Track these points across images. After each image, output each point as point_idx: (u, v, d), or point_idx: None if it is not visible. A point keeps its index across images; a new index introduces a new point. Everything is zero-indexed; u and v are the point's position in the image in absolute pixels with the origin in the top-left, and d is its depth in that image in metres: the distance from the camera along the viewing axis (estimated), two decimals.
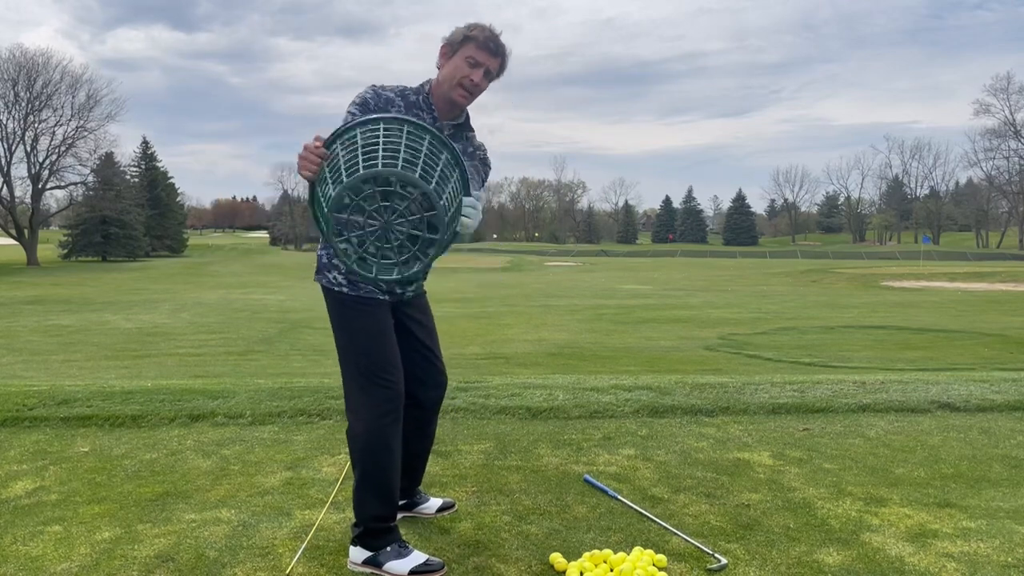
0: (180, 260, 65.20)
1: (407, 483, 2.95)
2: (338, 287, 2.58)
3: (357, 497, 2.63)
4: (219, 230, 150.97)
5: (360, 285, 2.57)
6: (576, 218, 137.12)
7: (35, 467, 3.73)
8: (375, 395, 2.57)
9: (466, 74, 2.52)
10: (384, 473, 2.62)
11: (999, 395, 4.94)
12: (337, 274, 2.59)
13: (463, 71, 2.52)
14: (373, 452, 2.59)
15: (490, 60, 2.52)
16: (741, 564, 2.62)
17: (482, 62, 2.52)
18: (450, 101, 2.57)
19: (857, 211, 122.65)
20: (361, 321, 2.58)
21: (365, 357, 2.57)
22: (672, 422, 4.47)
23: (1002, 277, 38.38)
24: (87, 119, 59.58)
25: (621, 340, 14.65)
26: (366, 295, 2.58)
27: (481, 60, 2.51)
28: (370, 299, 2.59)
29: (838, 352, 12.56)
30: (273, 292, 32.21)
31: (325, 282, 2.63)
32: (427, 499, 3.05)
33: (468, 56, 2.52)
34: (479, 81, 2.53)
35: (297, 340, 14.71)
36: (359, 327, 2.58)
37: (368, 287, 2.57)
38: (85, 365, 11.32)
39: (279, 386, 5.22)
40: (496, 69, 2.56)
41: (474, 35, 2.51)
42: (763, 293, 31.63)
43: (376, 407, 2.57)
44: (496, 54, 2.53)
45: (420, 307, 2.81)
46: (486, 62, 2.52)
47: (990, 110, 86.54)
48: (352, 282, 2.57)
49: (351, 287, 2.57)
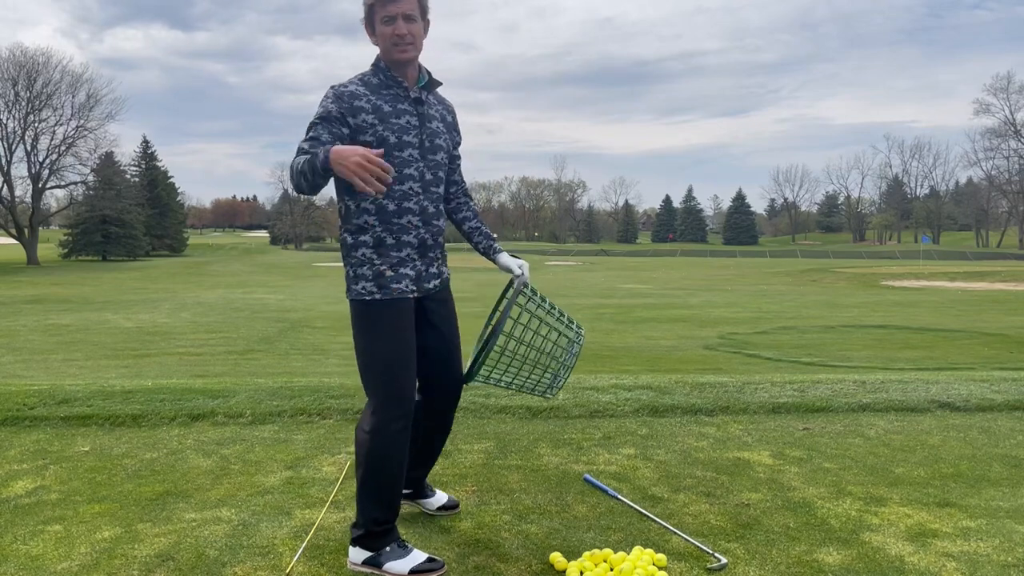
0: (180, 259, 65.20)
1: (418, 474, 2.98)
2: (369, 295, 2.58)
3: (359, 498, 2.63)
4: (219, 229, 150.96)
5: (389, 288, 2.58)
6: (576, 217, 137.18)
7: (35, 466, 3.73)
8: (388, 402, 2.58)
9: (391, 32, 2.53)
10: (387, 478, 2.61)
11: (999, 395, 4.94)
12: (365, 283, 2.59)
13: (387, 32, 2.54)
14: (378, 457, 2.59)
15: (400, 6, 2.52)
16: (741, 563, 2.62)
17: (393, 12, 2.52)
18: (399, 63, 2.59)
19: (857, 211, 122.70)
20: (382, 327, 2.58)
21: (382, 363, 2.58)
22: (672, 421, 4.47)
23: (1002, 276, 38.38)
24: (87, 118, 59.65)
25: (621, 339, 14.65)
26: (398, 296, 2.59)
27: (391, 11, 2.52)
28: (399, 300, 2.59)
29: (838, 351, 12.55)
30: (273, 291, 32.20)
31: (354, 295, 2.62)
32: (432, 493, 3.04)
33: (381, 16, 2.53)
34: (405, 30, 2.53)
35: (297, 339, 14.71)
36: (379, 332, 2.59)
37: (399, 288, 2.59)
38: (85, 364, 11.31)
39: (279, 385, 5.22)
40: (413, 8, 2.54)
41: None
42: (763, 292, 31.63)
43: (387, 413, 2.58)
44: None
45: (444, 300, 2.81)
46: (396, 10, 2.52)
47: (990, 109, 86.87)
48: (382, 286, 2.58)
49: (382, 292, 2.58)
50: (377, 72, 2.61)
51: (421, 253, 2.64)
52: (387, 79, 2.60)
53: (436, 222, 2.67)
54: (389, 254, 2.59)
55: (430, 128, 2.64)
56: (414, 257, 2.63)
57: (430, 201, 2.64)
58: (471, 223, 2.87)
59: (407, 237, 2.60)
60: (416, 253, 2.63)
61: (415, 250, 2.63)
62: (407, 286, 2.61)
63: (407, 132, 2.58)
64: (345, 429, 4.32)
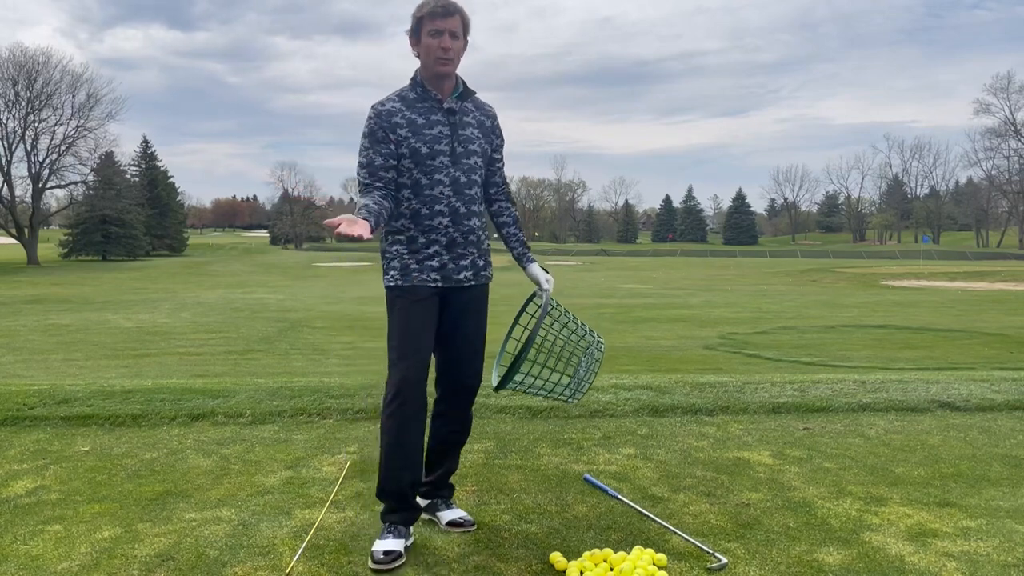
0: (180, 259, 65.22)
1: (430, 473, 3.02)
2: (394, 281, 2.82)
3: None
4: (219, 229, 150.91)
5: (411, 276, 2.80)
6: (576, 217, 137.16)
7: (35, 466, 3.73)
8: (392, 378, 2.77)
9: (436, 45, 2.75)
10: (386, 448, 2.78)
11: (999, 394, 4.94)
12: (393, 272, 2.83)
13: (432, 45, 2.75)
14: (384, 429, 2.80)
15: (447, 22, 2.74)
16: (741, 563, 2.62)
17: (442, 28, 2.74)
18: (438, 76, 2.80)
19: (857, 210, 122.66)
20: (401, 310, 2.80)
21: (396, 342, 2.79)
22: (672, 421, 4.47)
23: (1002, 276, 38.38)
24: (87, 118, 59.75)
25: (621, 339, 14.65)
26: (419, 284, 2.80)
27: (440, 27, 2.74)
28: (419, 287, 2.79)
29: (838, 351, 12.55)
30: (273, 291, 32.21)
31: (386, 281, 2.86)
32: (446, 507, 3.02)
33: (429, 30, 2.75)
34: (449, 45, 2.75)
35: (297, 339, 14.71)
36: (398, 314, 2.80)
37: (420, 276, 2.80)
38: (85, 364, 11.31)
39: (279, 385, 5.22)
40: (458, 27, 2.77)
41: (424, 11, 2.75)
42: (763, 292, 31.62)
43: (391, 388, 2.77)
44: (449, 14, 2.75)
45: (478, 298, 2.95)
46: (445, 26, 2.74)
47: (990, 109, 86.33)
48: (405, 274, 2.81)
49: (403, 279, 2.80)
50: (414, 87, 2.83)
51: (449, 249, 2.83)
52: (422, 93, 2.82)
53: (468, 221, 2.85)
54: (419, 251, 2.81)
55: (463, 135, 2.85)
56: (441, 252, 2.82)
57: (462, 202, 2.83)
58: (508, 228, 3.05)
59: (436, 236, 2.81)
60: (444, 249, 2.82)
61: (443, 247, 2.82)
62: (429, 276, 2.81)
63: (439, 141, 2.79)
64: (345, 429, 4.32)
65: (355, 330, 16.02)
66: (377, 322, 13.30)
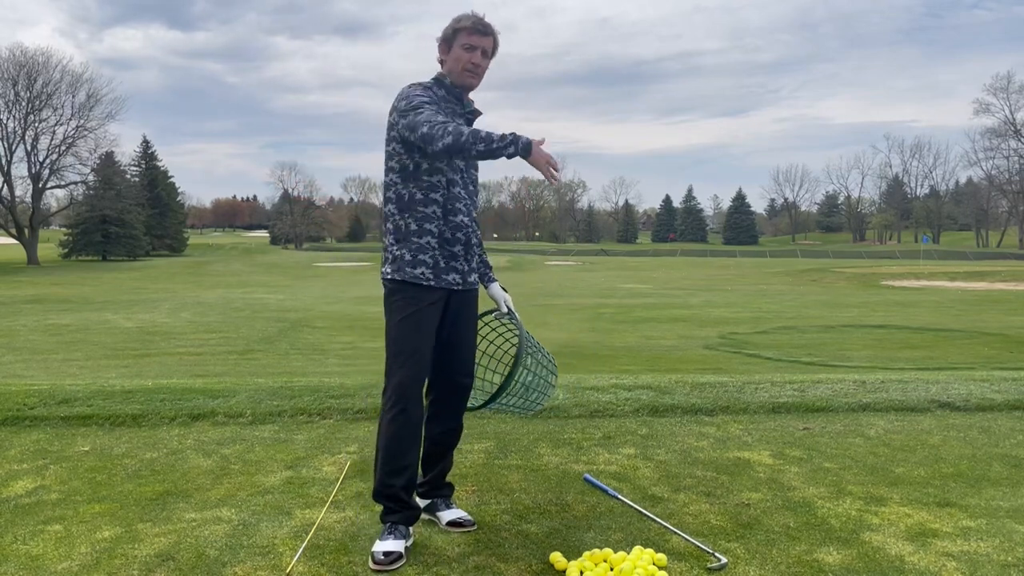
0: (180, 259, 65.20)
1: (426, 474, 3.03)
2: (390, 275, 2.83)
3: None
4: (219, 229, 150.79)
5: (407, 271, 2.80)
6: (576, 217, 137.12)
7: (35, 466, 3.73)
8: (391, 380, 2.79)
9: (467, 59, 2.83)
10: (384, 451, 2.78)
11: (999, 394, 4.94)
12: (388, 266, 2.85)
13: (464, 58, 2.83)
14: (382, 431, 2.80)
15: (483, 40, 2.84)
16: (741, 563, 2.62)
17: (476, 44, 2.83)
18: (463, 88, 2.88)
19: (857, 210, 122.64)
20: (400, 307, 2.80)
21: (394, 344, 2.80)
22: (672, 421, 4.47)
23: (1002, 276, 38.37)
24: (87, 118, 59.66)
25: (621, 339, 14.65)
26: (411, 280, 2.79)
27: (475, 43, 2.83)
28: (414, 284, 2.79)
29: (838, 351, 12.55)
30: (273, 291, 32.21)
31: (382, 275, 2.89)
32: (446, 507, 3.02)
33: (464, 43, 2.82)
34: (479, 61, 2.85)
35: (297, 339, 14.71)
36: (397, 312, 2.81)
37: (415, 272, 2.79)
38: (85, 364, 11.31)
39: (279, 385, 5.22)
40: (490, 47, 2.88)
41: (463, 25, 2.83)
42: (763, 292, 31.63)
43: (396, 391, 2.77)
44: (486, 33, 2.84)
45: (472, 300, 2.99)
46: (480, 43, 2.83)
47: (990, 109, 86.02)
48: (399, 268, 2.81)
49: (397, 272, 2.81)
50: (442, 86, 2.87)
51: (466, 250, 2.89)
52: (451, 93, 2.87)
53: (475, 226, 2.96)
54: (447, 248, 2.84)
55: None
56: (461, 254, 2.87)
57: (473, 207, 2.94)
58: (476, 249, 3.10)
59: (459, 235, 2.86)
60: (463, 250, 2.88)
61: (463, 248, 2.88)
62: (453, 277, 2.85)
63: None
64: (345, 429, 4.33)
65: (355, 330, 16.03)
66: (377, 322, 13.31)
